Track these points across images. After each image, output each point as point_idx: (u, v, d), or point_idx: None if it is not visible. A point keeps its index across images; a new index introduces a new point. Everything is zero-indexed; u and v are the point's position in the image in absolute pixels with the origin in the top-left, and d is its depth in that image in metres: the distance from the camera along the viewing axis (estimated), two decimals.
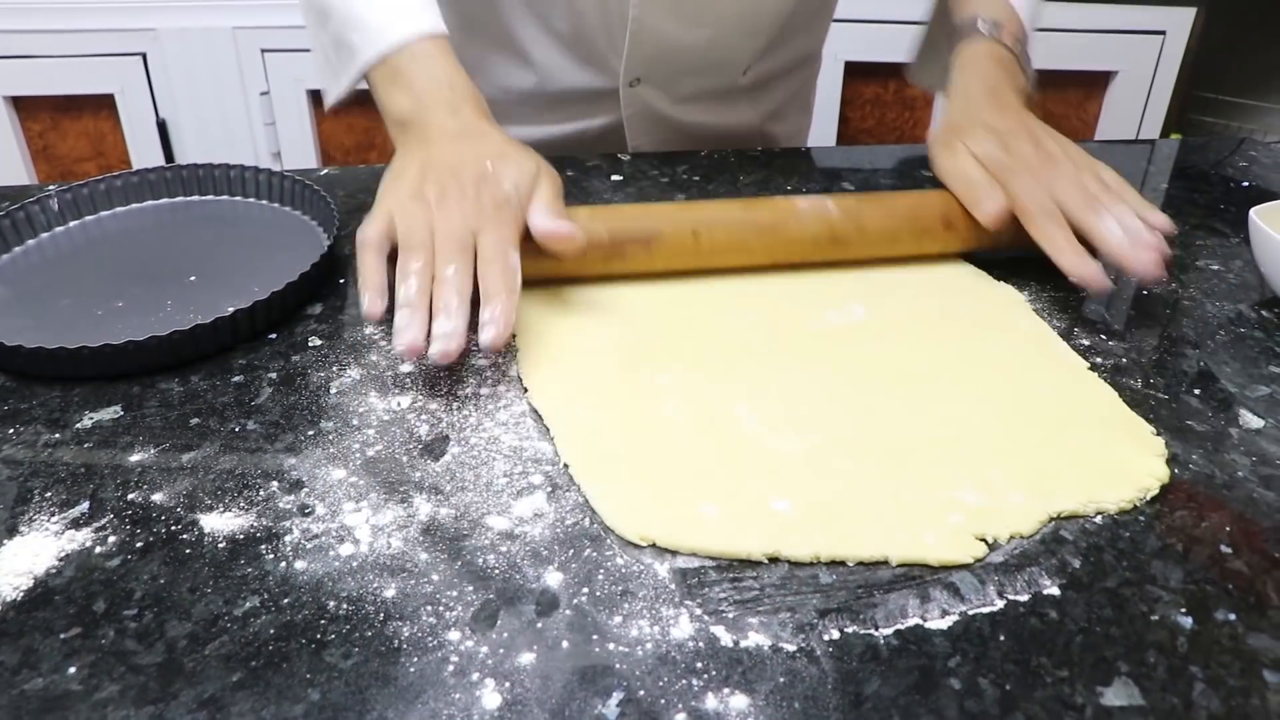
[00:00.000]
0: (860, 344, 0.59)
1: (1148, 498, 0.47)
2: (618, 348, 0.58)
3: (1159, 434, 0.52)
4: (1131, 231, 0.62)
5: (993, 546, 0.44)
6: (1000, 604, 0.41)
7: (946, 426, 0.52)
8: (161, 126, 1.66)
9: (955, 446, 0.50)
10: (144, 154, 1.68)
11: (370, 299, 0.55)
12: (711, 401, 0.53)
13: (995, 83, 0.75)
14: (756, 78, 0.94)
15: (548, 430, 0.51)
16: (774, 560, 0.43)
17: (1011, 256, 0.69)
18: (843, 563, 0.43)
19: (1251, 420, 0.54)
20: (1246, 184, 0.89)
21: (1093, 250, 0.63)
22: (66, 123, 1.68)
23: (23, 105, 1.65)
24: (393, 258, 0.57)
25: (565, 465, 0.48)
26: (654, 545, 0.44)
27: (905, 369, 0.57)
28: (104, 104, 1.66)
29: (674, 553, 0.43)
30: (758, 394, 0.54)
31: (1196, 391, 0.56)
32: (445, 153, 0.61)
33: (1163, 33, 1.84)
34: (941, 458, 0.49)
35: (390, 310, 0.54)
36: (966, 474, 0.48)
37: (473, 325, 0.54)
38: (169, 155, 1.69)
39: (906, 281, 0.67)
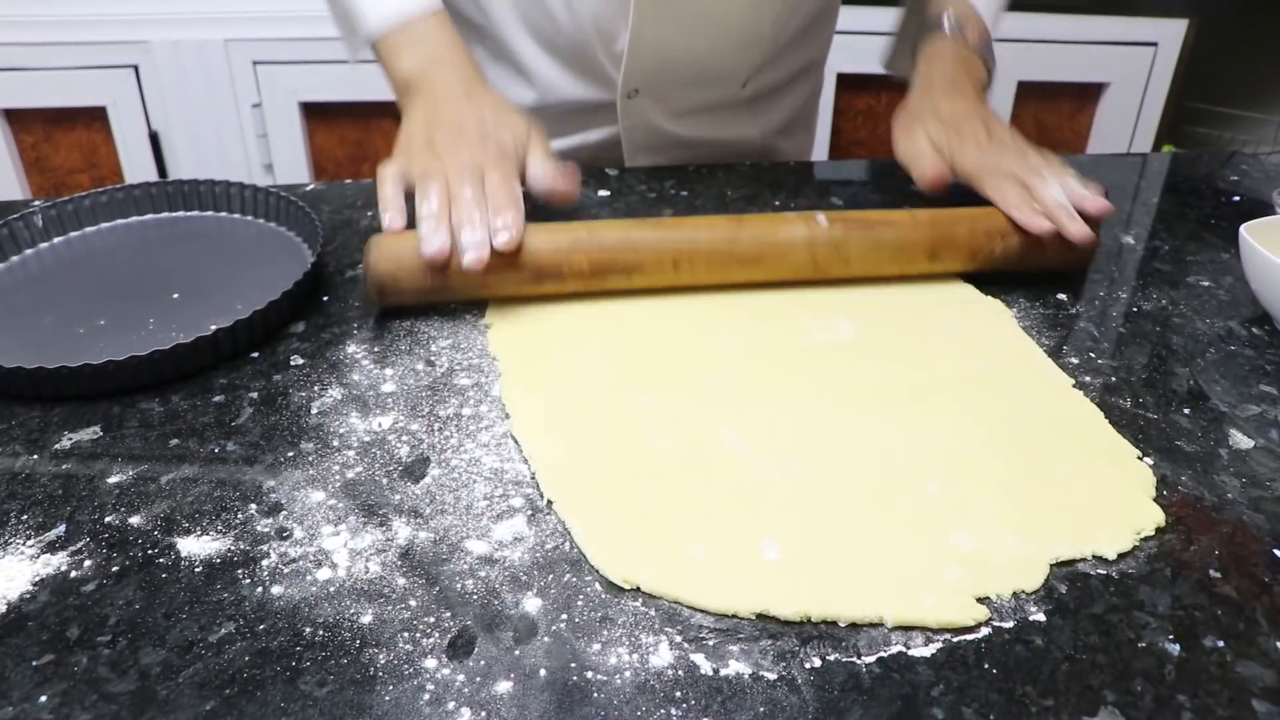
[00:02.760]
0: (847, 363, 0.59)
1: (1141, 538, 0.46)
2: (602, 368, 0.57)
3: (1147, 454, 0.52)
4: (1073, 195, 0.69)
5: (994, 607, 0.42)
6: (985, 630, 0.41)
7: (935, 456, 0.51)
8: (154, 138, 1.66)
9: (944, 478, 0.49)
10: (136, 166, 1.68)
11: (391, 216, 0.62)
12: (697, 424, 0.53)
13: (953, 75, 0.82)
14: (756, 90, 0.94)
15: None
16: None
17: (1000, 274, 0.68)
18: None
19: (1241, 440, 0.53)
20: (1238, 198, 0.88)
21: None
22: (59, 135, 1.68)
23: (15, 117, 1.65)
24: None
25: (549, 501, 0.47)
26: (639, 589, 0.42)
27: (892, 390, 0.56)
28: (96, 116, 1.65)
29: None
30: (744, 416, 0.53)
31: (1186, 411, 0.56)
32: (449, 110, 0.68)
33: (1155, 44, 1.84)
34: (931, 493, 0.48)
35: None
36: (958, 513, 0.47)
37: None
38: (161, 167, 1.68)
39: (894, 297, 0.66)
